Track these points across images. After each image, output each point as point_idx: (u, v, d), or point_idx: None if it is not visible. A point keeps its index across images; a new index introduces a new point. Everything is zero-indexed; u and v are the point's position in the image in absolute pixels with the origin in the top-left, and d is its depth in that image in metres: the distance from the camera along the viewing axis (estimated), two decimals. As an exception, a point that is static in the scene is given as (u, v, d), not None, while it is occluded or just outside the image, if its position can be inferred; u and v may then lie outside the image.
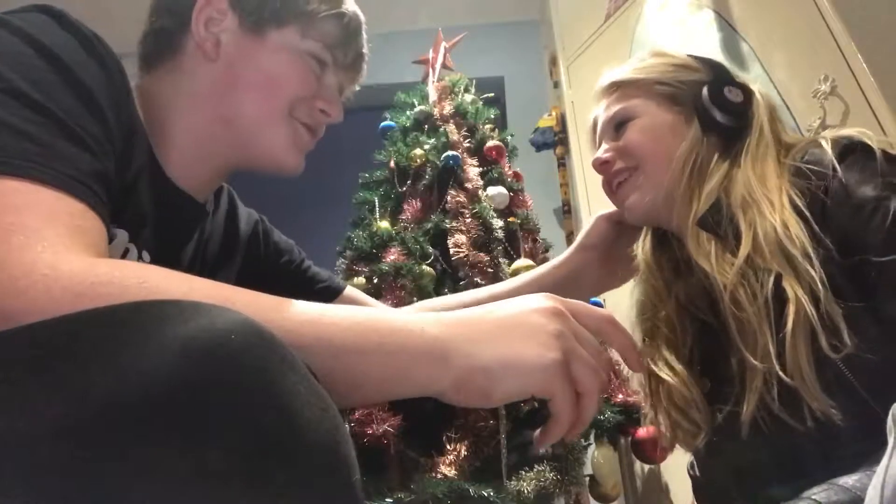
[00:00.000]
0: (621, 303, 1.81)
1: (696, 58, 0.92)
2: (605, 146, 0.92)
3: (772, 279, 0.70)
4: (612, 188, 0.92)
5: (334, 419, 0.39)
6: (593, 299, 1.57)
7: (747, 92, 0.86)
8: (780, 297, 0.69)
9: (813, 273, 0.67)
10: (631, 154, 0.88)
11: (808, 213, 0.71)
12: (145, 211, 0.68)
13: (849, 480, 0.59)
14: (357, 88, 0.87)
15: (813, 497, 0.59)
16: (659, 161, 0.85)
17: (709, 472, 0.83)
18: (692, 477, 0.87)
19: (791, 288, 0.68)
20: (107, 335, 0.35)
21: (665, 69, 0.89)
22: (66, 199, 0.48)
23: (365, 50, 0.84)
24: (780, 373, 0.67)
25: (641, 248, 0.96)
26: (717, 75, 0.87)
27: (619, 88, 0.92)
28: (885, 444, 0.43)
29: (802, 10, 1.36)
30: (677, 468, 0.91)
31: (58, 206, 0.47)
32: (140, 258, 0.67)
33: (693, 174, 0.82)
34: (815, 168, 0.74)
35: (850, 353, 0.64)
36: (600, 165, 0.91)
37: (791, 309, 0.67)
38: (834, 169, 0.72)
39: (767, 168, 0.78)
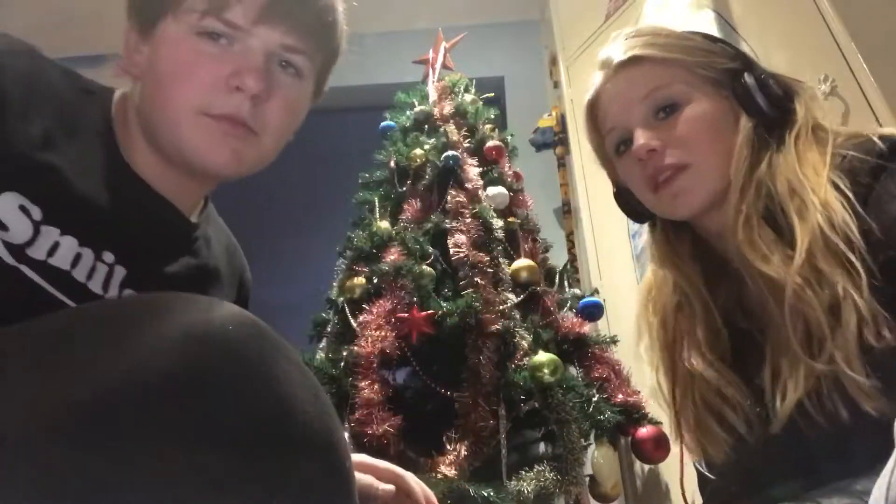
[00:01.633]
0: (622, 303, 1.80)
1: (716, 42, 0.85)
2: (644, 132, 0.78)
3: (839, 278, 0.64)
4: (655, 182, 0.78)
5: (326, 404, 0.41)
6: (594, 299, 1.57)
7: (783, 85, 0.80)
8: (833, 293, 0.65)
9: (854, 261, 0.63)
10: (688, 147, 0.77)
11: (852, 197, 0.66)
12: (99, 206, 0.62)
13: (857, 486, 0.59)
14: (312, 33, 0.70)
15: (818, 499, 0.59)
16: (718, 156, 0.76)
17: (719, 471, 0.82)
18: (699, 472, 0.86)
19: (841, 281, 0.64)
20: (105, 330, 0.36)
21: (698, 52, 0.81)
22: None
23: None
24: (849, 371, 0.62)
25: (653, 235, 0.89)
26: (755, 64, 0.82)
27: (642, 63, 0.80)
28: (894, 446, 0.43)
29: (802, 10, 1.35)
30: (677, 468, 0.90)
31: None
32: (99, 260, 0.61)
33: (748, 169, 0.75)
34: (861, 156, 0.69)
35: (877, 351, 0.62)
36: (647, 153, 0.77)
37: (845, 305, 0.63)
38: (880, 167, 0.67)
39: (811, 152, 0.73)
